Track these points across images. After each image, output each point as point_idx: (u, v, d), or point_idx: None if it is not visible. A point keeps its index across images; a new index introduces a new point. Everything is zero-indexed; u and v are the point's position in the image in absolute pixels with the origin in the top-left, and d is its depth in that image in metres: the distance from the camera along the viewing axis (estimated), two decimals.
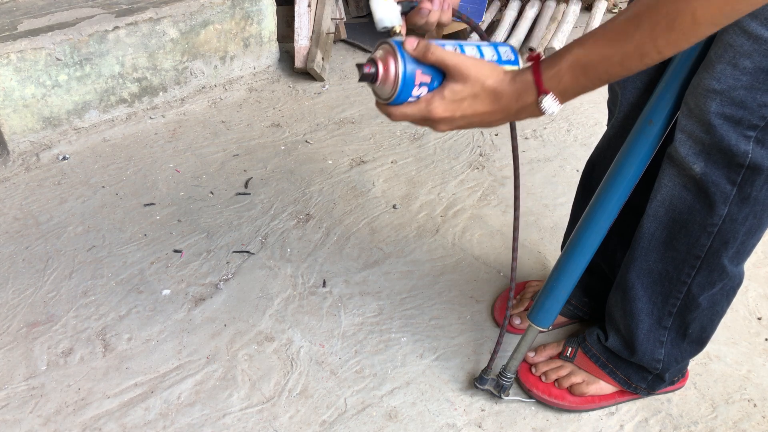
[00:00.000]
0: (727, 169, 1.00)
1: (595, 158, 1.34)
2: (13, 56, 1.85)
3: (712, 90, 0.95)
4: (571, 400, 1.31)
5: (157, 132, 2.13)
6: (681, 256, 1.13)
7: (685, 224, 1.09)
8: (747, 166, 0.99)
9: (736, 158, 0.98)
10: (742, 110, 0.95)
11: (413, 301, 1.55)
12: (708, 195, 1.04)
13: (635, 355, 1.25)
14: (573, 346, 1.36)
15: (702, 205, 1.06)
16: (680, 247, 1.12)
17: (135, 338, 1.45)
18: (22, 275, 1.59)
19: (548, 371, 1.34)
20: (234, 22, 2.25)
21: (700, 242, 1.09)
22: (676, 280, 1.15)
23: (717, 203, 1.04)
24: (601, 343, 1.32)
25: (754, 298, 1.55)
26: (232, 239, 1.71)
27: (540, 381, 1.34)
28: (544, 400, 1.32)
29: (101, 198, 1.84)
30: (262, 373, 1.38)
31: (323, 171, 1.97)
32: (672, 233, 1.12)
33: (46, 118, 1.99)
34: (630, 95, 1.18)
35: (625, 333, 1.26)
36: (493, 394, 1.32)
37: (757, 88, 0.93)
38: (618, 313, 1.26)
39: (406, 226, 1.76)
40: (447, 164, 2.00)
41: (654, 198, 1.12)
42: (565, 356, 1.36)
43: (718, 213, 1.05)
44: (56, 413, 1.29)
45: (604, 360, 1.32)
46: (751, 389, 1.35)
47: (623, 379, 1.31)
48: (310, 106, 2.29)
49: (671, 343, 1.23)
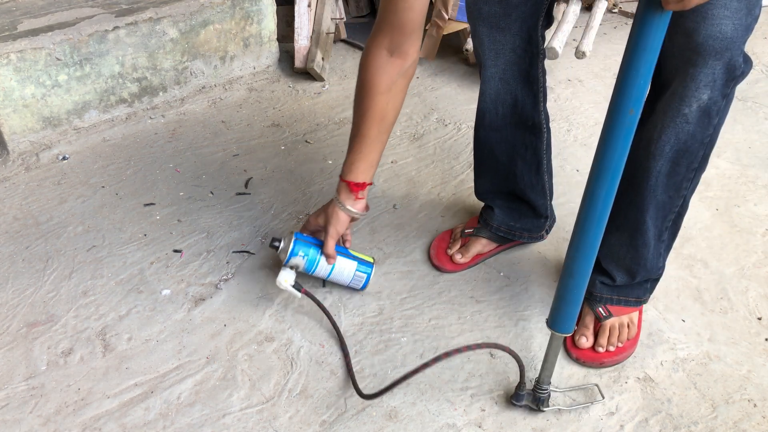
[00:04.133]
0: (724, 86, 1.11)
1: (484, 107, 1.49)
2: (13, 56, 1.85)
3: (724, 17, 1.03)
4: (631, 344, 1.42)
5: (157, 132, 2.13)
6: (681, 177, 1.23)
7: (688, 149, 1.19)
8: (737, 76, 1.11)
9: (734, 72, 1.09)
10: (744, 28, 1.06)
11: (413, 301, 1.55)
12: (708, 114, 1.14)
13: (647, 274, 1.38)
14: (599, 305, 1.43)
15: (701, 126, 1.16)
16: (681, 170, 1.22)
17: (135, 338, 1.45)
18: (21, 275, 1.59)
19: (611, 338, 1.40)
20: (234, 22, 2.25)
21: (697, 156, 1.21)
22: (676, 197, 1.27)
23: (712, 117, 1.15)
24: (610, 286, 1.42)
25: (755, 298, 1.55)
26: (232, 239, 1.71)
27: (609, 352, 1.40)
28: (618, 361, 1.40)
29: (101, 198, 1.84)
30: (262, 373, 1.38)
31: (323, 171, 1.97)
32: (675, 161, 1.21)
33: (46, 118, 1.99)
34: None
35: (634, 264, 1.36)
36: (532, 408, 1.30)
37: (751, 3, 1.04)
38: (624, 250, 1.36)
39: (406, 226, 1.76)
40: (447, 164, 1.99)
41: (658, 139, 1.20)
42: (605, 317, 1.42)
43: (713, 124, 1.16)
44: (56, 413, 1.29)
45: (617, 298, 1.42)
46: (751, 389, 1.35)
47: (635, 300, 1.44)
48: (310, 106, 2.29)
49: (666, 249, 1.38)
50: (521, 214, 1.61)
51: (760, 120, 2.19)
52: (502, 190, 1.59)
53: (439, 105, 2.29)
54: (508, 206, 1.60)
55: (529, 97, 1.42)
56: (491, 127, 1.49)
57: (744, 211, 1.81)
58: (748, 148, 2.06)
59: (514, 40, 1.33)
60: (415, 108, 2.27)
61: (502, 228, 1.62)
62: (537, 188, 1.56)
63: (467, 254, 1.61)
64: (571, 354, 1.41)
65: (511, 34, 1.32)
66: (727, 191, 1.87)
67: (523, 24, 1.31)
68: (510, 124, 1.47)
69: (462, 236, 1.65)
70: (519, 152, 1.51)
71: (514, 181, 1.55)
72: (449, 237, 1.69)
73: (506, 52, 1.35)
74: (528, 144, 1.49)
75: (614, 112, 1.00)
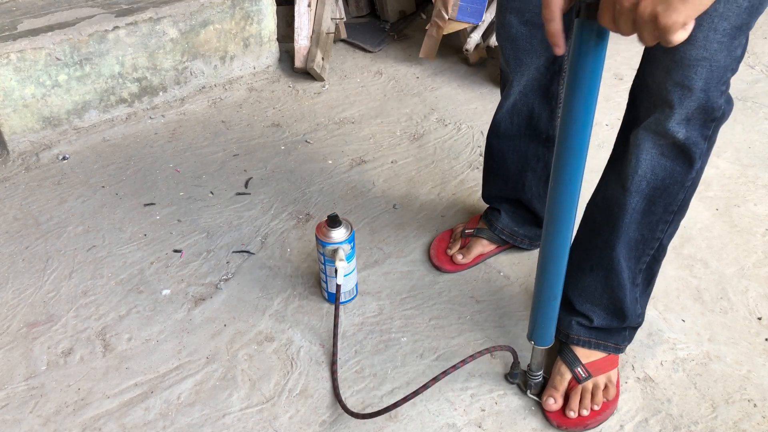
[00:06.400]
0: (703, 127, 1.08)
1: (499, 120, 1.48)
2: (13, 56, 1.85)
3: (701, 58, 1.00)
4: (610, 404, 1.32)
5: (157, 132, 2.13)
6: (657, 218, 1.20)
7: (666, 188, 1.16)
8: (718, 118, 1.07)
9: (713, 114, 1.06)
10: (722, 69, 1.01)
11: (413, 301, 1.55)
12: (689, 155, 1.11)
13: (626, 321, 1.32)
14: (577, 365, 1.33)
15: (682, 166, 1.13)
16: (657, 210, 1.19)
17: (135, 338, 1.45)
18: (21, 275, 1.59)
19: (583, 402, 1.30)
20: (234, 22, 2.25)
21: (676, 199, 1.17)
22: (650, 239, 1.23)
23: (695, 159, 1.12)
24: (587, 327, 1.35)
25: (754, 298, 1.55)
26: (232, 239, 1.71)
27: (582, 417, 1.29)
28: (597, 423, 1.29)
29: (101, 198, 1.84)
30: (262, 373, 1.38)
31: (323, 171, 1.97)
32: (652, 200, 1.18)
33: (46, 118, 1.99)
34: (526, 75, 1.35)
35: (611, 305, 1.31)
36: (522, 389, 1.33)
37: (733, 46, 0.99)
38: (600, 290, 1.30)
39: (406, 226, 1.76)
40: (447, 164, 2.00)
41: (634, 173, 1.16)
42: (584, 377, 1.32)
43: (695, 168, 1.13)
44: (56, 413, 1.29)
45: (595, 341, 1.35)
46: (751, 389, 1.35)
47: (614, 347, 1.35)
48: (310, 105, 2.29)
49: (641, 295, 1.33)
50: (525, 221, 1.61)
51: (760, 120, 2.19)
52: (509, 197, 1.59)
53: (439, 105, 2.29)
54: (514, 211, 1.61)
55: (545, 111, 1.42)
56: (505, 136, 1.49)
57: (744, 211, 1.81)
58: (748, 147, 2.06)
59: (538, 60, 1.32)
60: (415, 108, 2.27)
61: (506, 231, 1.62)
62: (543, 199, 1.52)
63: (468, 255, 1.61)
64: (549, 419, 1.30)
65: (536, 56, 1.31)
66: (727, 191, 1.88)
67: (549, 46, 1.27)
68: (524, 136, 1.47)
69: (462, 236, 1.65)
70: (530, 164, 1.51)
71: (522, 190, 1.55)
72: (449, 237, 1.69)
73: (530, 71, 1.34)
74: (540, 156, 1.49)
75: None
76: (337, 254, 1.41)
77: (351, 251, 1.44)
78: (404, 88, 2.39)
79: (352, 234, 1.43)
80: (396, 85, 2.41)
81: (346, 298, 1.51)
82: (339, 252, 1.41)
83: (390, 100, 2.31)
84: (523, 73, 1.35)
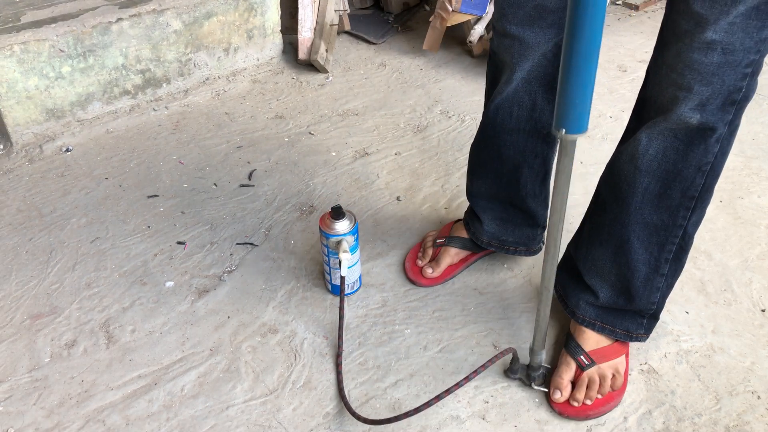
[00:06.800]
0: (721, 111, 1.05)
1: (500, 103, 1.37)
2: (17, 48, 1.85)
3: (711, 41, 0.98)
4: (615, 395, 1.31)
5: (160, 124, 2.13)
6: (676, 203, 1.18)
7: (680, 172, 1.14)
8: (739, 100, 1.04)
9: (732, 97, 1.03)
10: (740, 51, 0.99)
11: (417, 293, 1.54)
12: (704, 139, 1.09)
13: (633, 302, 1.29)
14: (578, 353, 1.32)
15: (696, 150, 1.10)
16: (674, 194, 1.16)
17: (138, 330, 1.45)
18: (25, 267, 1.60)
19: (590, 392, 1.29)
20: (237, 14, 2.24)
21: (694, 184, 1.15)
22: (672, 226, 1.20)
23: (711, 143, 1.09)
24: (594, 305, 1.34)
25: (758, 290, 1.55)
26: (236, 231, 1.71)
27: (585, 406, 1.28)
28: (600, 414, 1.28)
29: (104, 190, 1.84)
30: (265, 364, 1.38)
31: (327, 163, 1.97)
32: (666, 183, 1.16)
33: (50, 110, 1.99)
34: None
35: (618, 283, 1.29)
36: (525, 382, 1.33)
37: (752, 27, 0.97)
38: (608, 266, 1.29)
39: (409, 218, 1.76)
40: (451, 156, 1.99)
41: (644, 153, 1.15)
42: (587, 365, 1.31)
43: (712, 151, 1.10)
44: (59, 405, 1.30)
45: (600, 324, 1.34)
46: (755, 381, 1.35)
47: (623, 333, 1.33)
48: (314, 97, 2.29)
49: (667, 286, 1.29)
50: (515, 226, 1.51)
51: (764, 111, 2.18)
52: (499, 198, 1.49)
53: (443, 97, 2.28)
54: (501, 217, 1.50)
55: (549, 103, 1.33)
56: (503, 127, 1.37)
57: (748, 202, 1.80)
58: (752, 139, 2.05)
59: (546, 46, 1.24)
60: (419, 100, 2.26)
61: (494, 243, 1.53)
62: (539, 198, 1.47)
63: (438, 268, 1.55)
64: (553, 407, 1.30)
65: (544, 40, 1.23)
66: (731, 183, 1.87)
67: (559, 31, 1.23)
68: (523, 130, 1.37)
69: (433, 246, 1.59)
70: (527, 160, 1.40)
71: (516, 188, 1.45)
72: (419, 246, 1.63)
73: (536, 57, 1.26)
74: (538, 153, 1.40)
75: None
76: (341, 246, 1.41)
77: (354, 243, 1.44)
78: (408, 80, 2.38)
79: (355, 226, 1.43)
80: (400, 76, 2.40)
81: (350, 290, 1.51)
82: (342, 244, 1.41)
83: (393, 92, 2.31)
84: (528, 59, 1.26)
